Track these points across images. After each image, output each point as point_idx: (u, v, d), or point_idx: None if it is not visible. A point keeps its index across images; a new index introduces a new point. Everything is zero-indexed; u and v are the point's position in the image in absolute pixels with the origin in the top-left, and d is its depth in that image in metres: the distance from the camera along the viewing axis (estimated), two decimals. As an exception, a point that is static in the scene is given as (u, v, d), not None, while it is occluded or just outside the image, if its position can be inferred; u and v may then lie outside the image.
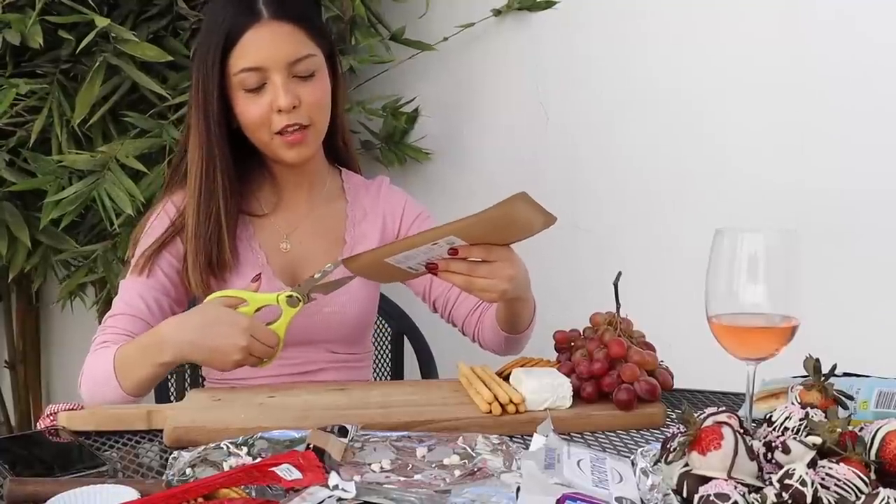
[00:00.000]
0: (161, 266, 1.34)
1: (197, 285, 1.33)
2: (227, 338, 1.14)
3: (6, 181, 1.92)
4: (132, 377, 1.20)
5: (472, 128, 2.25)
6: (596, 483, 0.86)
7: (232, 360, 1.15)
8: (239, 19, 1.28)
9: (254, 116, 1.31)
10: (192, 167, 1.33)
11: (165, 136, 1.90)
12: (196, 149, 1.33)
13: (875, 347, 1.58)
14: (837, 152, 1.79)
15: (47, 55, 1.91)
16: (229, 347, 1.14)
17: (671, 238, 1.98)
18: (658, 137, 1.99)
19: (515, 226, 1.13)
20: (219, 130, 1.32)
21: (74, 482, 0.85)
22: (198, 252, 1.32)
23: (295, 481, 0.82)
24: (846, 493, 0.78)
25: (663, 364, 1.20)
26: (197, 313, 1.19)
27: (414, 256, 1.15)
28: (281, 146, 1.33)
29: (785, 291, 0.94)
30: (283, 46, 1.29)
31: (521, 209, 1.08)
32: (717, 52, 1.91)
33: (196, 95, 1.32)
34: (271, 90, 1.29)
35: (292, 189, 1.44)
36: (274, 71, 1.29)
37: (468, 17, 2.16)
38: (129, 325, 1.30)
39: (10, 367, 2.45)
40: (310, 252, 1.42)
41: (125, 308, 1.31)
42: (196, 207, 1.32)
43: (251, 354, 1.16)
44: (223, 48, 1.28)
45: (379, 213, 1.49)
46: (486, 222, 1.09)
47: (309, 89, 1.31)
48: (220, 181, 1.32)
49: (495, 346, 1.45)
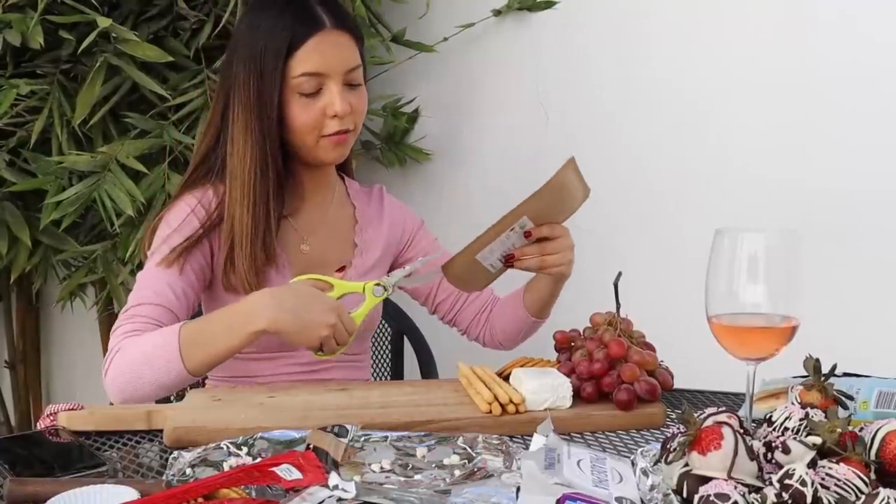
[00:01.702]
0: (190, 262, 1.33)
1: (248, 284, 1.33)
2: (320, 314, 1.18)
3: (7, 181, 1.92)
4: (207, 352, 1.19)
5: (472, 128, 2.25)
6: (596, 483, 0.86)
7: (319, 335, 1.19)
8: (301, 26, 1.31)
9: (307, 120, 1.33)
10: (242, 167, 1.33)
11: (166, 136, 1.90)
12: (247, 154, 1.32)
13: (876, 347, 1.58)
14: (840, 152, 1.78)
15: (48, 55, 1.91)
16: (320, 324, 1.18)
17: (671, 238, 1.98)
18: (658, 137, 1.99)
19: (568, 195, 1.24)
20: (275, 132, 1.33)
21: (74, 482, 0.85)
22: (251, 251, 1.32)
23: (295, 481, 0.82)
24: (846, 493, 0.78)
25: (663, 364, 1.20)
26: (289, 289, 1.22)
27: (497, 248, 1.24)
28: (326, 147, 1.35)
29: (785, 291, 0.94)
30: (343, 55, 1.33)
31: (572, 176, 1.21)
32: (717, 52, 1.91)
33: (247, 97, 1.32)
34: (326, 96, 1.32)
35: (312, 192, 1.45)
36: (332, 78, 1.32)
37: (468, 17, 2.16)
38: (159, 315, 1.28)
39: (10, 367, 2.45)
40: (326, 254, 1.44)
41: (153, 297, 1.29)
42: (251, 207, 1.32)
43: (333, 336, 1.20)
44: (285, 53, 1.30)
45: (384, 222, 1.53)
46: (550, 194, 1.20)
47: (357, 98, 1.36)
48: (272, 182, 1.33)
49: (508, 337, 1.52)
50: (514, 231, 1.23)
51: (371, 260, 1.49)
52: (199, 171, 1.39)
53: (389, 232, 1.53)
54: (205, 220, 1.35)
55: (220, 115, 1.36)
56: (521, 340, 1.52)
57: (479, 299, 1.53)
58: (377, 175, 2.28)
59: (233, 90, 1.34)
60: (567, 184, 1.22)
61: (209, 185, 1.37)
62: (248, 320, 1.18)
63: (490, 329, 1.53)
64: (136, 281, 1.33)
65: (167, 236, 1.33)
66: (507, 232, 1.22)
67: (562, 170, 1.19)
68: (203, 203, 1.36)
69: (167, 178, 1.89)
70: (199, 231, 1.33)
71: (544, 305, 1.45)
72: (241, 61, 1.33)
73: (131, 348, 1.21)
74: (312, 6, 1.33)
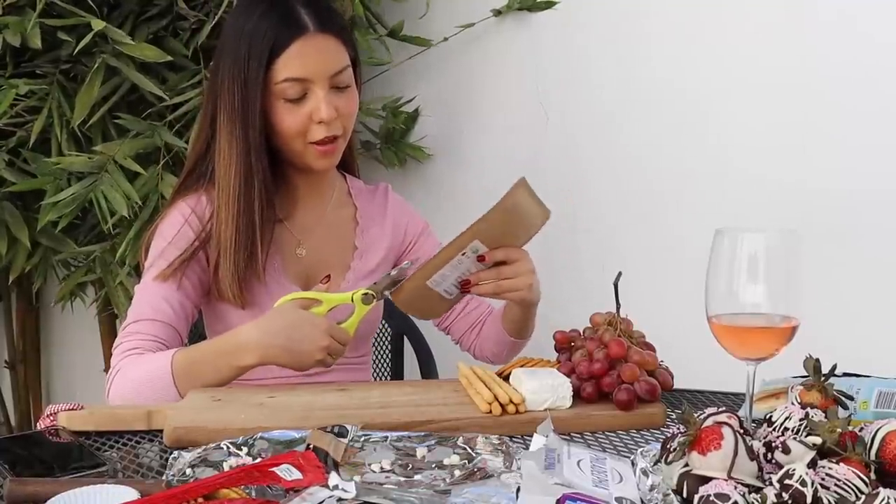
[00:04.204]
0: (187, 274, 1.32)
1: (232, 294, 1.32)
2: (311, 341, 1.18)
3: (6, 181, 1.92)
4: (200, 381, 1.20)
5: (472, 128, 2.25)
6: (596, 483, 0.86)
7: (314, 360, 1.19)
8: (283, 30, 1.28)
9: (292, 126, 1.30)
10: (227, 177, 1.31)
11: (157, 137, 1.89)
12: (232, 163, 1.31)
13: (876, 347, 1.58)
14: (840, 152, 1.78)
15: (47, 56, 1.91)
16: (313, 349, 1.18)
17: (672, 238, 1.98)
18: (658, 137, 1.99)
19: (522, 217, 1.19)
20: (258, 140, 1.30)
21: (74, 482, 0.85)
22: (235, 262, 1.31)
23: (295, 481, 0.82)
24: (846, 493, 0.78)
25: (663, 364, 1.20)
26: (277, 317, 1.21)
27: (449, 274, 1.20)
28: (313, 155, 1.33)
29: (785, 291, 0.94)
30: (327, 59, 1.30)
31: (524, 197, 1.17)
32: (717, 53, 1.91)
33: (231, 104, 1.30)
34: (312, 101, 1.30)
35: (306, 194, 1.43)
36: (317, 83, 1.30)
37: (468, 17, 2.16)
38: (157, 331, 1.28)
39: (10, 367, 2.45)
40: (323, 258, 1.42)
41: (152, 313, 1.29)
42: (234, 217, 1.30)
43: (329, 354, 1.20)
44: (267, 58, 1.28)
45: (388, 221, 1.51)
46: (500, 215, 1.17)
47: (345, 101, 1.33)
48: (258, 191, 1.31)
49: (496, 355, 1.50)
50: (466, 256, 1.19)
51: (372, 262, 1.47)
52: (190, 178, 1.38)
53: (393, 233, 1.51)
54: (200, 231, 1.34)
55: (210, 122, 1.34)
56: (506, 358, 1.49)
57: (474, 312, 1.51)
58: (377, 175, 2.27)
59: (219, 97, 1.32)
60: (518, 206, 1.18)
61: (202, 192, 1.36)
62: (236, 357, 1.19)
63: (479, 343, 1.52)
64: (135, 294, 1.33)
65: (163, 250, 1.33)
66: (458, 256, 1.18)
67: (511, 191, 1.16)
68: (197, 211, 1.35)
69: (160, 178, 1.89)
70: (196, 244, 1.33)
71: (520, 328, 1.42)
72: (226, 67, 1.31)
73: (129, 371, 1.23)
74: (296, 9, 1.30)
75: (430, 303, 1.24)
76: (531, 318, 1.41)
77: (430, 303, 1.24)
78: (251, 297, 1.34)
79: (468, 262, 1.20)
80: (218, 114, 1.32)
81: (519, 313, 1.39)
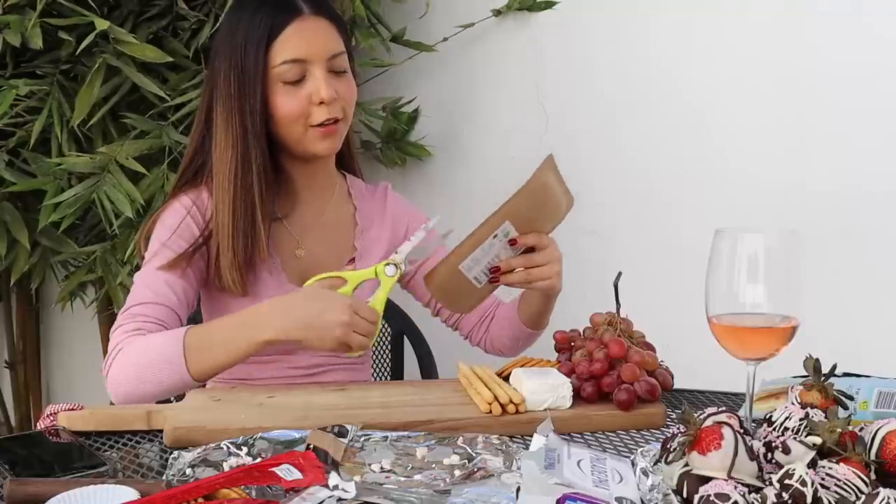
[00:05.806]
0: (190, 264, 1.32)
1: (232, 281, 1.32)
2: (330, 315, 1.16)
3: (6, 182, 1.92)
4: (211, 359, 1.18)
5: (472, 128, 2.25)
6: (596, 483, 0.86)
7: (334, 336, 1.16)
8: (279, 14, 1.30)
9: (292, 109, 1.31)
10: (224, 166, 1.31)
11: (165, 137, 1.90)
12: (229, 147, 1.31)
13: (876, 348, 1.58)
14: (840, 153, 1.79)
15: (47, 56, 1.90)
16: (332, 324, 1.15)
17: (672, 238, 1.98)
18: (659, 137, 1.99)
19: (550, 197, 1.19)
20: (257, 126, 1.31)
21: (74, 482, 0.85)
22: (235, 251, 1.30)
23: (295, 481, 0.82)
24: (846, 493, 0.78)
25: (663, 364, 1.20)
26: (297, 294, 1.21)
27: (480, 258, 1.19)
28: (315, 138, 1.33)
29: (785, 292, 0.94)
30: (324, 40, 1.32)
31: (551, 176, 1.17)
32: (717, 53, 1.91)
33: (227, 91, 1.30)
34: (311, 83, 1.31)
35: (306, 193, 1.42)
36: (315, 64, 1.31)
37: (468, 17, 2.16)
38: (160, 314, 1.27)
39: (10, 367, 2.45)
40: (321, 258, 1.42)
41: (154, 297, 1.28)
42: (231, 206, 1.30)
43: (354, 331, 1.17)
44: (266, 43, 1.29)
45: (388, 221, 1.50)
46: (529, 194, 1.17)
47: (344, 85, 1.35)
48: (256, 178, 1.31)
49: (510, 348, 1.49)
50: (497, 238, 1.18)
51: (372, 264, 1.46)
52: (188, 173, 1.38)
53: (393, 231, 1.50)
54: (203, 226, 1.34)
55: (206, 114, 1.35)
56: (520, 349, 1.48)
57: (482, 306, 1.47)
58: (378, 175, 2.27)
59: (215, 87, 1.32)
60: (548, 184, 1.18)
61: (202, 186, 1.36)
62: (254, 330, 1.17)
63: (490, 337, 1.51)
64: (134, 282, 1.32)
65: (165, 239, 1.32)
66: (489, 239, 1.18)
67: (540, 169, 1.16)
68: (198, 204, 1.35)
69: (166, 178, 1.89)
70: (199, 239, 1.32)
71: (539, 318, 1.42)
72: (224, 57, 1.31)
73: (134, 348, 1.20)
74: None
75: (459, 290, 1.22)
76: (551, 309, 1.40)
77: (459, 290, 1.22)
78: (253, 286, 1.34)
79: (499, 246, 1.19)
80: (214, 104, 1.33)
81: (540, 303, 1.38)
